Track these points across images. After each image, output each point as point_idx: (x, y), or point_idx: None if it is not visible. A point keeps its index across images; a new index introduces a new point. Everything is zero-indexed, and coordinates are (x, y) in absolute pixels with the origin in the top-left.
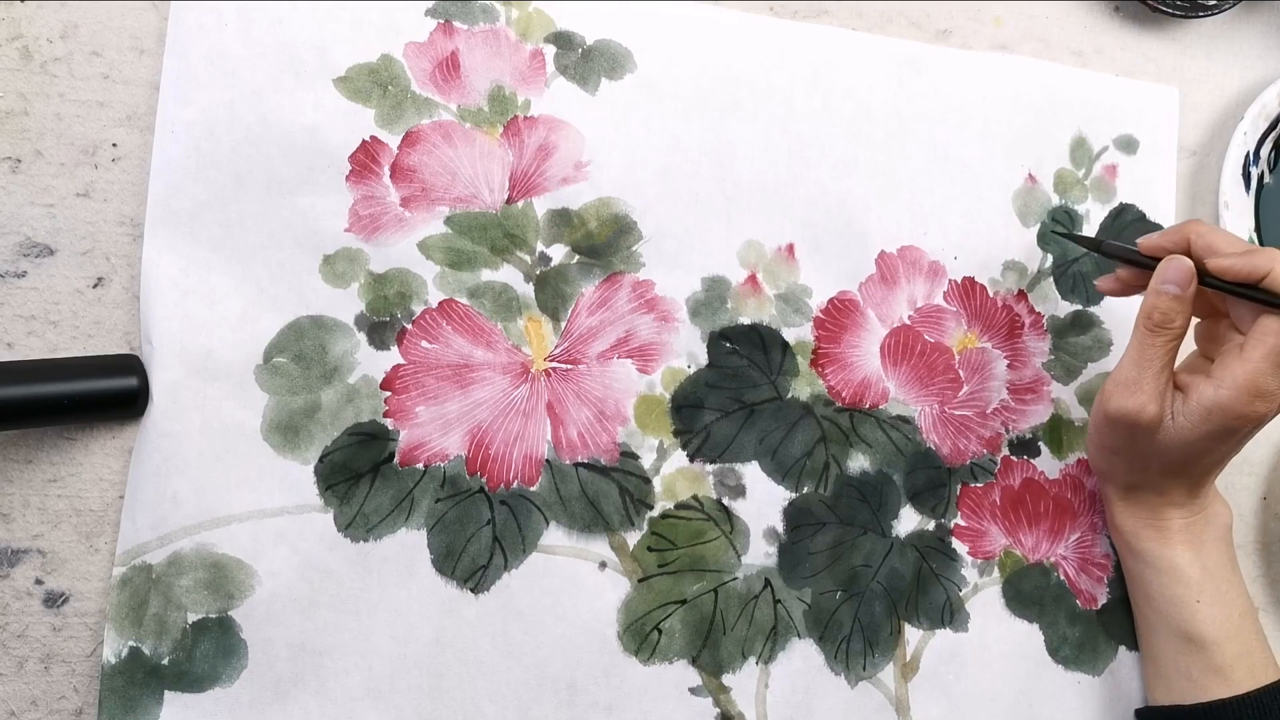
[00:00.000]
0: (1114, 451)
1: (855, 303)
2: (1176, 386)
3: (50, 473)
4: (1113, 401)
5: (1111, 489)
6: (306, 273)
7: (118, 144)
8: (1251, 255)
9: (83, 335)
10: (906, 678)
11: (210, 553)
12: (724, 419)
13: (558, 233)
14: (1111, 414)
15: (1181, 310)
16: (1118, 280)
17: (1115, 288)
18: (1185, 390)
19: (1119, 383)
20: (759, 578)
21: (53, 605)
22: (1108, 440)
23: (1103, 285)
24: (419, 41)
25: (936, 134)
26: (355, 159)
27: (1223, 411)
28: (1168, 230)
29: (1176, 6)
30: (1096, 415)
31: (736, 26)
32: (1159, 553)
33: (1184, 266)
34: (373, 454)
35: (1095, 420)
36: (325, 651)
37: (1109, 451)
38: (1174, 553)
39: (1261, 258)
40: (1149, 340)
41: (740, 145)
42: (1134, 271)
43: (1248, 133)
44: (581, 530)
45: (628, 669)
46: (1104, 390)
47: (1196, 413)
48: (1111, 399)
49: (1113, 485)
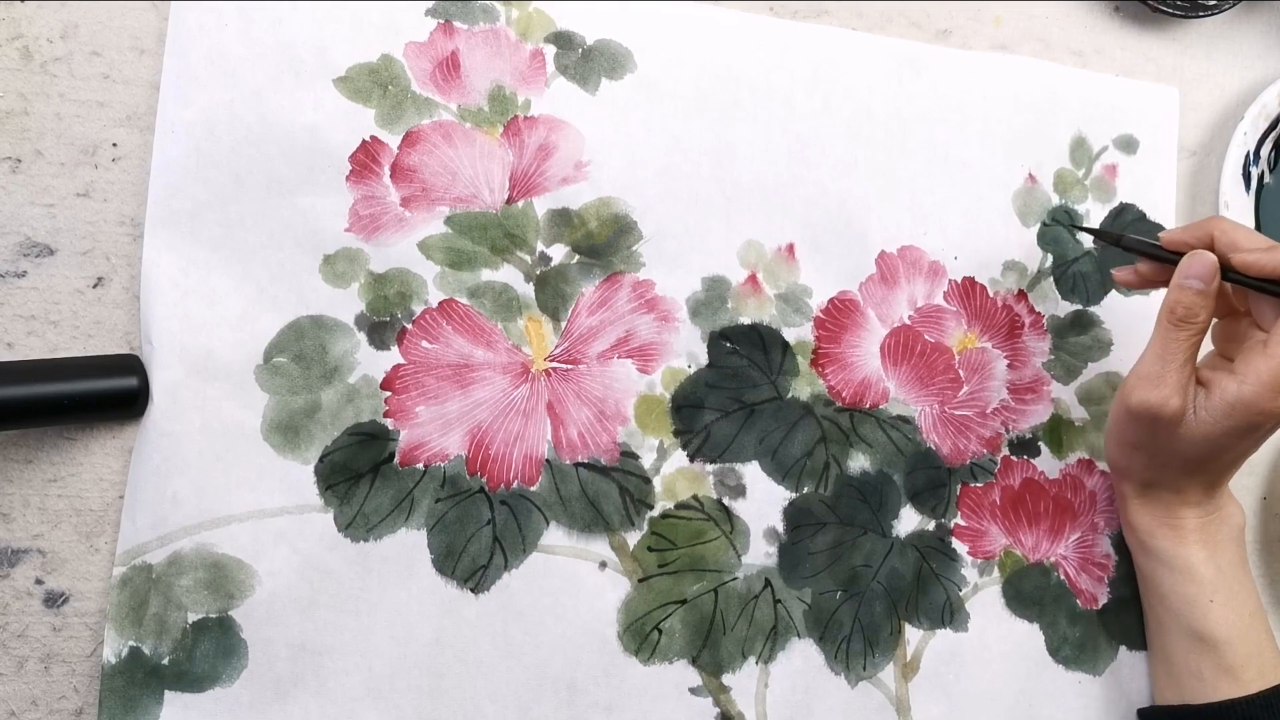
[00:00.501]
0: (1134, 447)
1: (855, 303)
2: (1199, 382)
3: (50, 473)
4: (1135, 395)
5: (1128, 486)
6: (306, 273)
7: (118, 144)
8: (1275, 251)
9: (83, 335)
10: (907, 678)
11: (210, 553)
12: (724, 419)
13: (558, 233)
14: (1134, 408)
15: (1205, 305)
16: (1136, 273)
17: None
18: (1208, 386)
19: (1142, 376)
20: (759, 578)
21: (53, 605)
22: (1129, 435)
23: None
24: (419, 41)
25: (936, 134)
26: (355, 159)
27: (1246, 407)
28: (1190, 225)
29: (1176, 6)
30: (1117, 410)
31: (736, 26)
32: (1174, 551)
33: (1208, 261)
34: (373, 454)
35: (1116, 415)
36: (325, 651)
37: (1129, 447)
38: (1189, 552)
39: None
40: (1172, 335)
41: (740, 145)
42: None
43: (1248, 133)
44: (582, 530)
45: (628, 669)
46: (1125, 384)
47: (1219, 408)
48: (1134, 393)
49: (1129, 483)
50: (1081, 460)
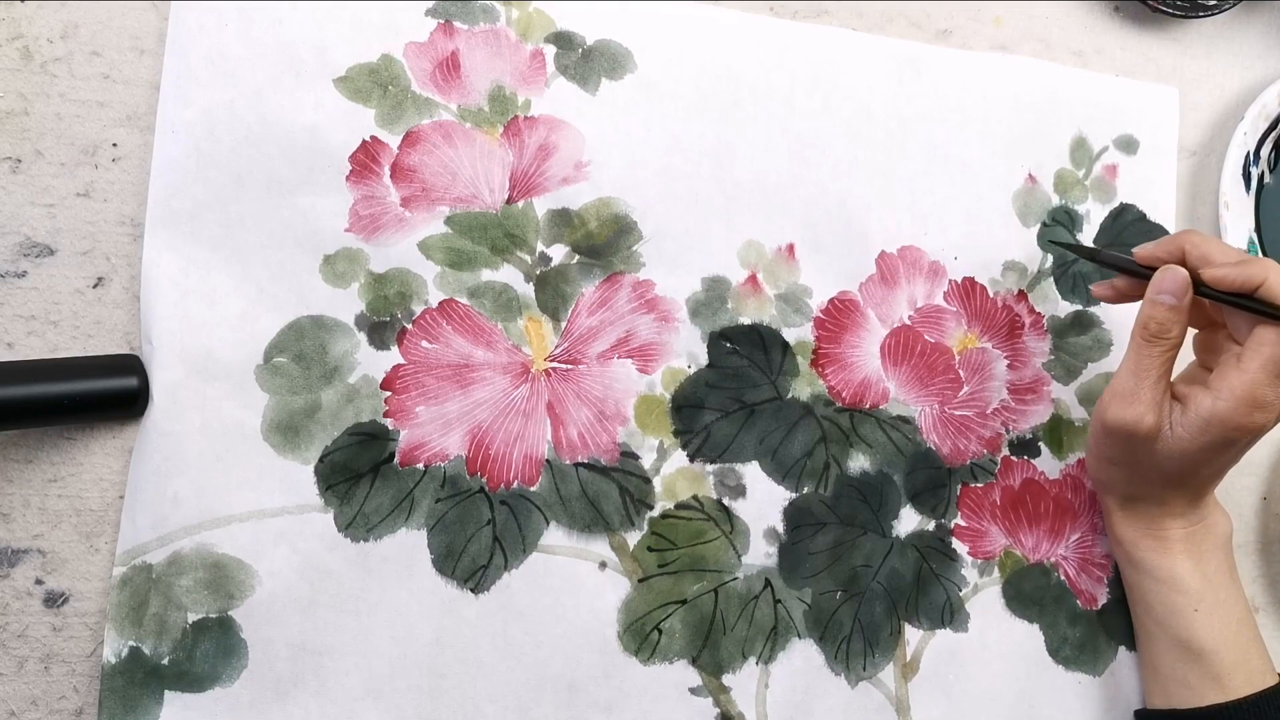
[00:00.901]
0: (1113, 462)
1: (855, 303)
2: (1175, 397)
3: (50, 473)
4: (1110, 412)
5: (1111, 500)
6: (307, 273)
7: (118, 144)
8: (1246, 265)
9: (83, 335)
10: (907, 678)
11: (210, 553)
12: (724, 419)
13: (558, 233)
14: (1109, 424)
15: (1177, 320)
16: (1113, 289)
17: (1111, 295)
18: (1184, 401)
19: (1116, 393)
20: (759, 578)
21: (53, 605)
22: (1106, 451)
23: (1099, 292)
24: (419, 41)
25: (936, 134)
26: (355, 159)
27: (1221, 423)
28: (1163, 240)
29: (1176, 6)
30: (1095, 426)
31: (736, 26)
32: (1158, 563)
33: (1179, 277)
34: (373, 454)
35: (1094, 431)
36: (325, 651)
37: (1108, 462)
38: (1174, 563)
39: (1256, 267)
40: (1145, 350)
41: (740, 145)
42: (1130, 281)
43: (1248, 133)
44: (582, 530)
45: (628, 669)
46: (1101, 401)
47: (1195, 424)
48: (1109, 409)
49: (1112, 496)
50: (1082, 460)
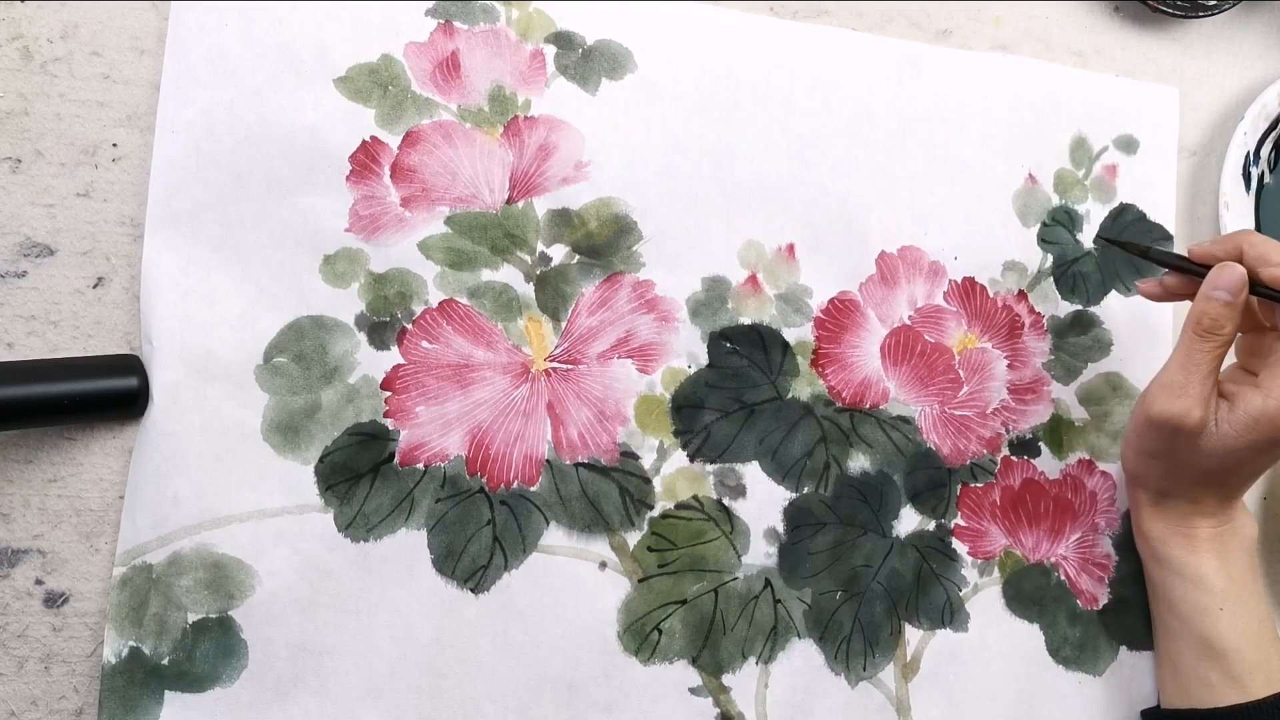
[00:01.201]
0: (1152, 456)
1: (855, 303)
2: (1221, 395)
3: (50, 473)
4: (1157, 404)
5: (1143, 494)
6: (306, 273)
7: (118, 144)
8: None
9: (83, 335)
10: (907, 678)
11: (210, 553)
12: (724, 419)
13: (558, 233)
14: (1155, 417)
15: (1231, 317)
16: (1161, 286)
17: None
18: (1231, 399)
19: (1164, 386)
20: (759, 578)
21: (53, 605)
22: (1147, 444)
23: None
24: (419, 41)
25: (936, 134)
26: (355, 159)
27: (1270, 422)
28: (1220, 239)
29: (1176, 6)
30: (1137, 419)
31: (736, 26)
32: (1185, 560)
33: (1237, 273)
34: (373, 454)
35: (1136, 424)
36: (325, 651)
37: (1147, 456)
38: (1200, 561)
39: None
40: (1197, 345)
41: (740, 145)
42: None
43: (1248, 133)
44: (582, 530)
45: (628, 669)
46: (1147, 393)
47: (1242, 421)
48: (1155, 402)
49: (1145, 491)
50: (1082, 460)
